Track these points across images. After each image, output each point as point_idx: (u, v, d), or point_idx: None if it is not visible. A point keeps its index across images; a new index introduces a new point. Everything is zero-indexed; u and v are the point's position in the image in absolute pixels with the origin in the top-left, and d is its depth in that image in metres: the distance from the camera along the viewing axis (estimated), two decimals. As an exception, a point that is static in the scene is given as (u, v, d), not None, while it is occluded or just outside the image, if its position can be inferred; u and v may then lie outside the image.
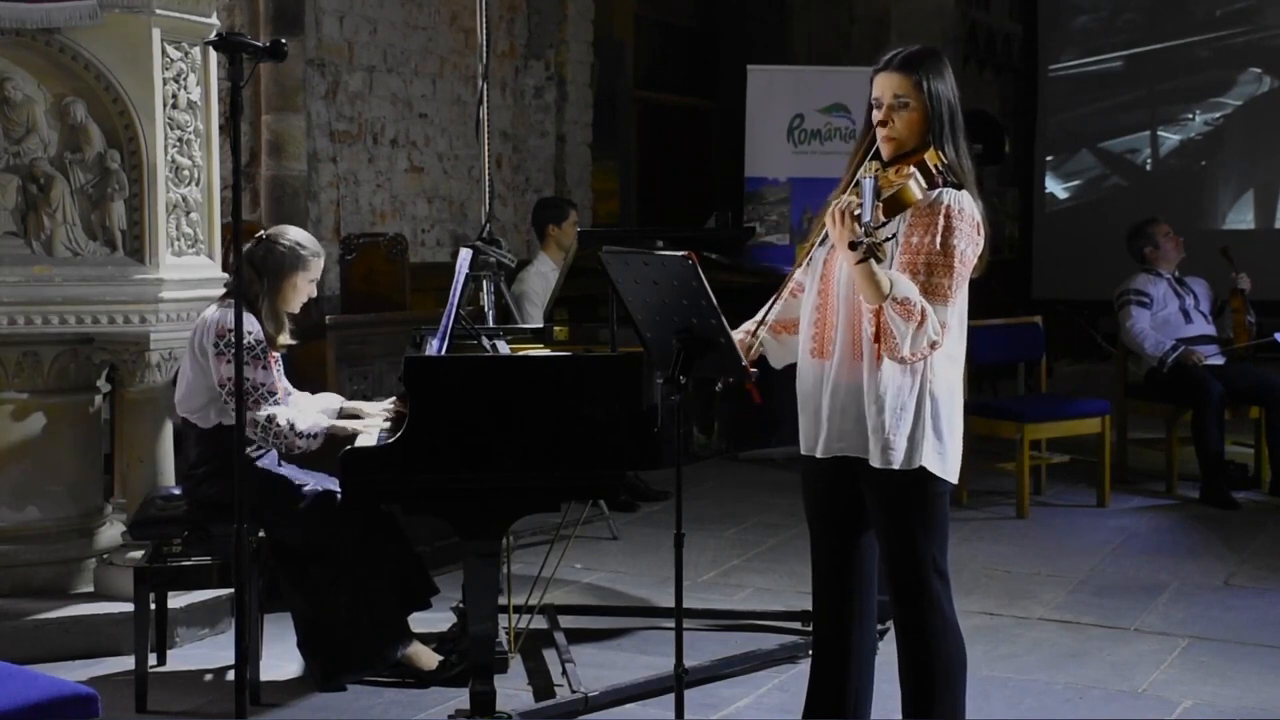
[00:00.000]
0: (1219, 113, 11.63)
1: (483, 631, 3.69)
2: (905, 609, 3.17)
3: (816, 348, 3.18)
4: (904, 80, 3.09)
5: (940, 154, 3.07)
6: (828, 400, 3.14)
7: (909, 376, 3.06)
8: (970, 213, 3.06)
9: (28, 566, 4.71)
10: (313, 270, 4.35)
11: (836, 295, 3.13)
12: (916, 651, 3.16)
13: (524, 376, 3.65)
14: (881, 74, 3.14)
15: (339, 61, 7.64)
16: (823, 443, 3.17)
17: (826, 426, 3.15)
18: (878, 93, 3.14)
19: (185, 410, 4.31)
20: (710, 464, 7.30)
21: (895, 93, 3.09)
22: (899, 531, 3.14)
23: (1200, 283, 7.25)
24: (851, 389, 3.10)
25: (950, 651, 3.16)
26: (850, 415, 3.11)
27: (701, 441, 3.95)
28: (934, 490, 3.11)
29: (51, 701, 2.81)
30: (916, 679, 3.17)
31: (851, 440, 3.12)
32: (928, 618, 3.14)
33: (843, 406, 3.11)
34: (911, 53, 3.14)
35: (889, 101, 3.11)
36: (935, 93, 3.09)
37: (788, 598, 5.18)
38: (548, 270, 6.72)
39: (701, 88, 11.06)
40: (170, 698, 4.17)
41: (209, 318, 4.26)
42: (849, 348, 3.10)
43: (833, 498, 3.24)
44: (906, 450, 3.06)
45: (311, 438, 4.19)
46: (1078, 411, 6.83)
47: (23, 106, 4.54)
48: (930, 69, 3.10)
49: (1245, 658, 4.54)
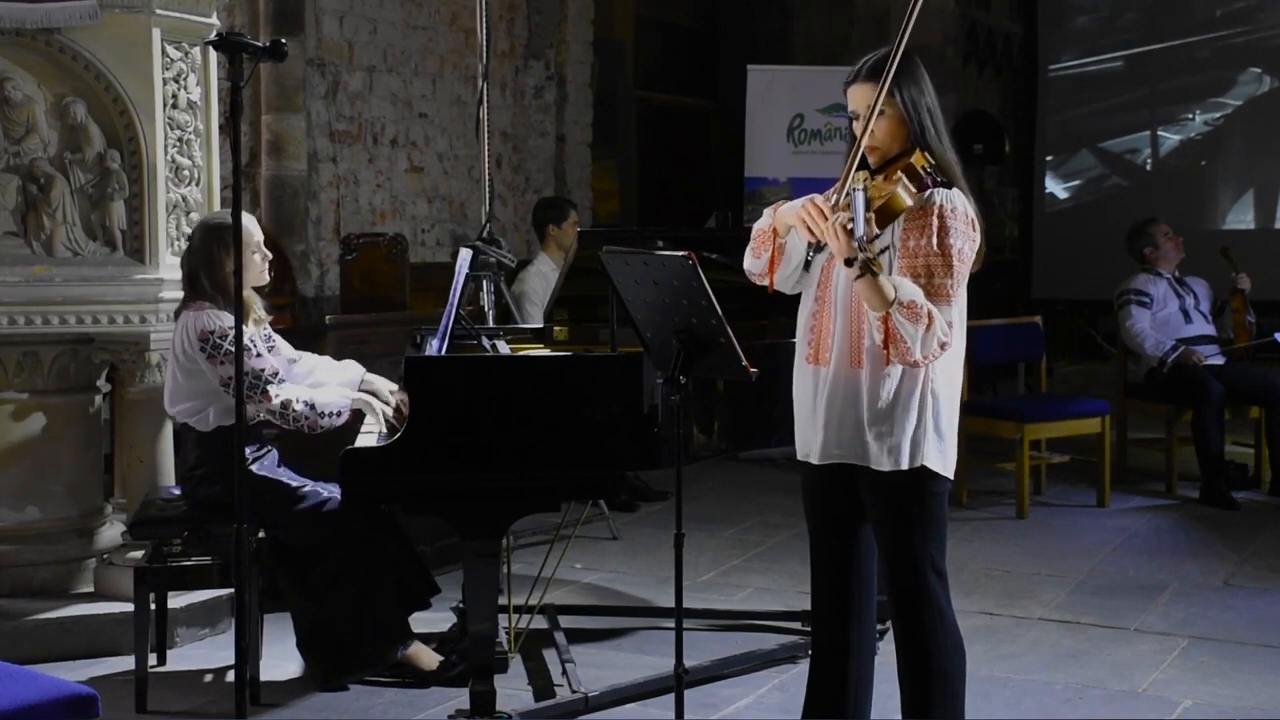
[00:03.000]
0: (1219, 113, 11.63)
1: (483, 631, 3.69)
2: (903, 609, 3.17)
3: (812, 354, 3.16)
4: (873, 89, 3.08)
5: (926, 155, 3.06)
6: (824, 408, 3.13)
7: (910, 379, 3.05)
8: (963, 210, 3.05)
9: (28, 566, 4.71)
10: (249, 239, 4.16)
11: (834, 303, 3.12)
12: (915, 651, 3.16)
13: (524, 376, 3.65)
14: (853, 86, 3.15)
15: (339, 61, 7.65)
16: (819, 449, 3.17)
17: (823, 434, 3.14)
18: (853, 105, 3.15)
19: (178, 414, 4.29)
20: (710, 464, 7.28)
21: (867, 103, 3.08)
22: (898, 531, 3.13)
23: (1200, 283, 7.25)
24: (849, 396, 3.09)
25: (949, 651, 3.16)
26: (848, 422, 3.10)
27: (701, 441, 3.95)
28: (934, 489, 3.11)
29: (51, 701, 2.81)
30: (915, 679, 3.17)
31: (849, 448, 3.11)
32: (926, 617, 3.14)
33: (840, 414, 3.10)
34: (878, 60, 3.12)
35: (863, 113, 3.10)
36: (909, 97, 3.09)
37: (788, 598, 5.18)
38: (548, 270, 6.72)
39: (701, 88, 11.07)
40: (170, 698, 4.17)
41: (186, 325, 4.16)
42: (846, 355, 3.09)
43: (831, 501, 3.23)
44: (910, 451, 3.06)
45: (335, 415, 4.17)
46: (1078, 411, 6.82)
47: (23, 106, 4.54)
48: (900, 73, 3.06)
49: (1245, 658, 4.54)
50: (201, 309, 4.17)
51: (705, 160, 11.09)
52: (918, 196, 3.02)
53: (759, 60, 9.51)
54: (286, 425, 4.17)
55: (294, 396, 4.16)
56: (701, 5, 11.22)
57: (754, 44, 10.92)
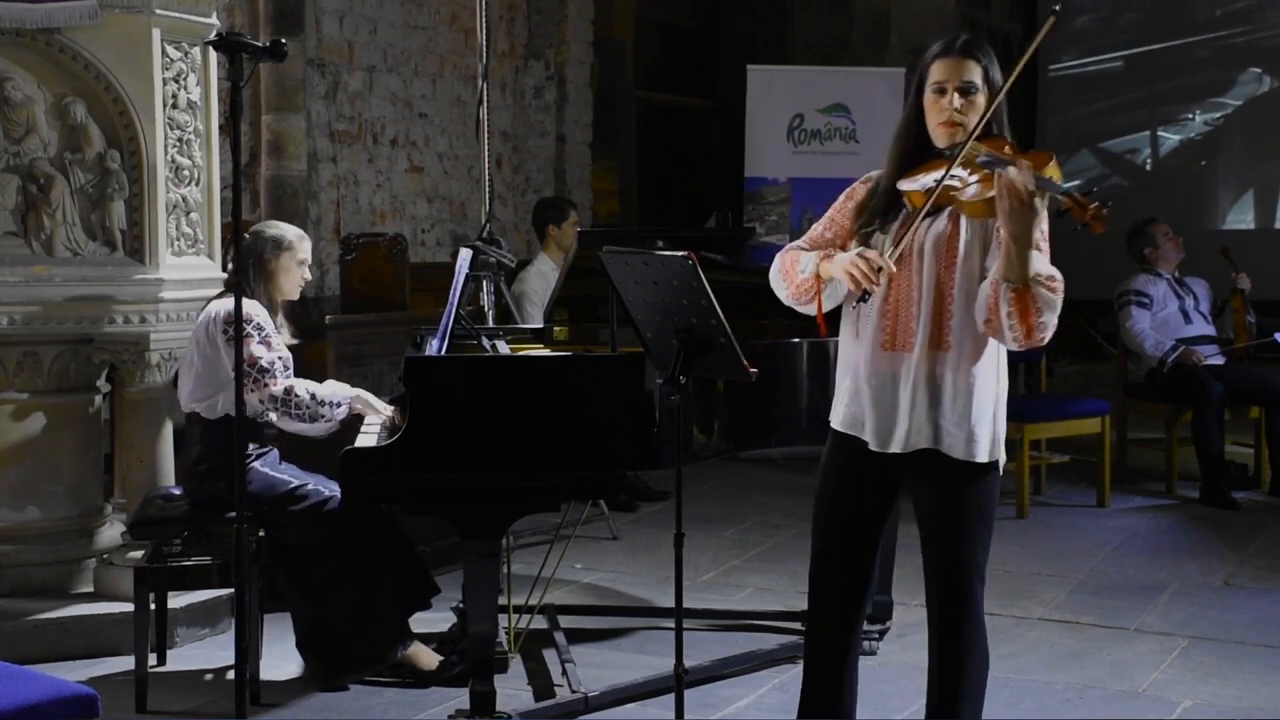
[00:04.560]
0: (1219, 113, 11.62)
1: (483, 631, 3.69)
2: (946, 609, 3.11)
3: (889, 340, 3.08)
4: (975, 66, 3.05)
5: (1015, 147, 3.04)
6: (907, 394, 3.05)
7: (993, 366, 3.05)
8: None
9: (28, 566, 4.71)
10: (299, 251, 4.36)
11: (918, 286, 3.05)
12: (952, 651, 3.10)
13: (524, 376, 3.65)
14: (946, 58, 3.07)
15: (339, 61, 7.64)
16: (901, 437, 3.07)
17: (907, 420, 3.06)
18: (942, 77, 3.06)
19: (188, 401, 4.31)
20: (710, 464, 7.29)
21: (965, 77, 3.04)
22: (959, 527, 3.07)
23: (1200, 283, 7.25)
24: (933, 380, 3.03)
25: (982, 653, 3.13)
26: (930, 406, 3.04)
27: (701, 441, 3.95)
28: (995, 485, 3.12)
29: (51, 701, 2.81)
30: (949, 679, 3.11)
31: (926, 432, 3.05)
32: (966, 619, 3.09)
33: (925, 399, 3.04)
34: (973, 39, 3.10)
35: (957, 85, 3.04)
36: (996, 82, 3.07)
37: (788, 598, 5.18)
38: (548, 270, 6.72)
39: (701, 88, 11.07)
40: (170, 698, 4.17)
41: (215, 309, 4.27)
42: (931, 340, 3.03)
43: (867, 502, 3.16)
44: (990, 441, 3.06)
45: (335, 406, 4.19)
46: (1078, 411, 6.83)
47: (23, 106, 4.54)
48: (991, 58, 3.07)
49: (1245, 658, 4.54)
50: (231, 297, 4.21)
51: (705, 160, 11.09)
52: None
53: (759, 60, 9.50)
54: (288, 414, 4.17)
55: (297, 385, 4.20)
56: (701, 5, 11.22)
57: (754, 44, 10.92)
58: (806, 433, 4.13)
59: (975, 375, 3.04)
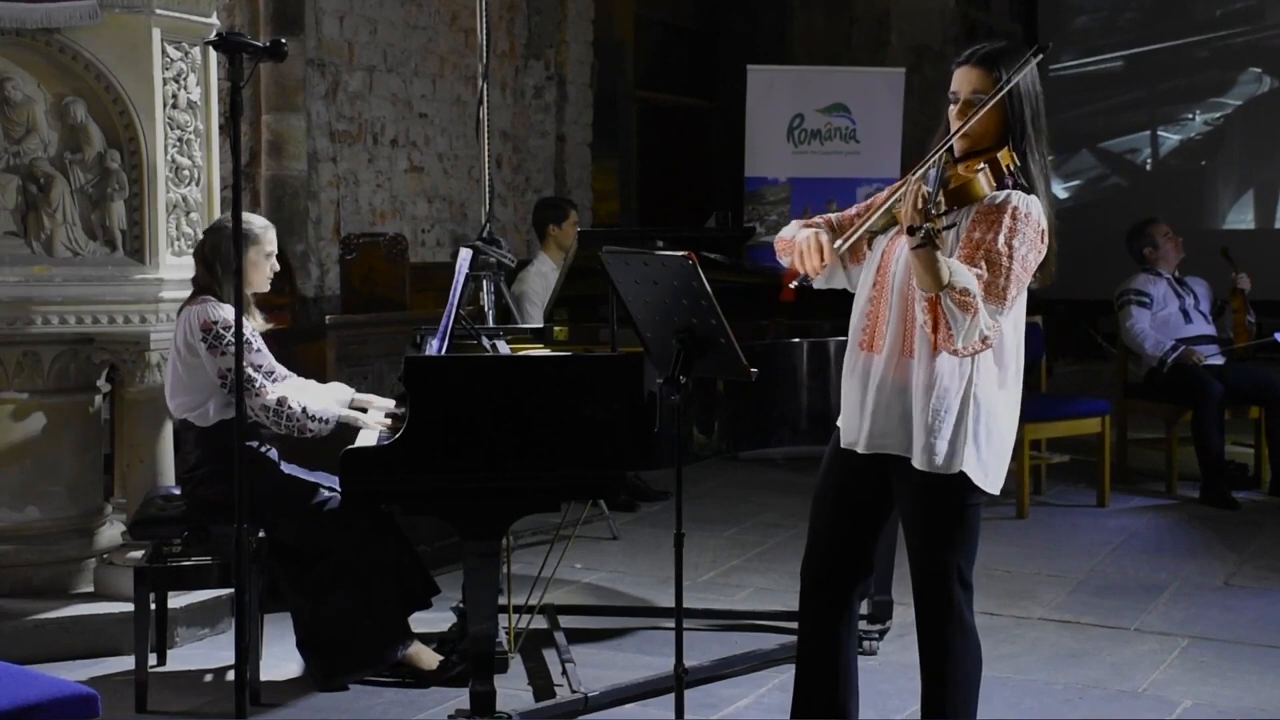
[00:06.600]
0: (1219, 113, 11.62)
1: (483, 631, 3.69)
2: (927, 617, 3.12)
3: (866, 340, 3.11)
4: (984, 77, 3.01)
5: (1014, 155, 2.99)
6: (873, 395, 3.07)
7: (956, 378, 2.99)
8: (1037, 219, 2.97)
9: (28, 566, 4.71)
10: (264, 244, 4.35)
11: (890, 288, 3.06)
12: (934, 657, 3.11)
13: (524, 376, 3.65)
14: (962, 68, 3.06)
15: (339, 61, 7.65)
16: (865, 438, 3.09)
17: (870, 422, 3.08)
18: (955, 87, 3.06)
19: (178, 409, 4.30)
20: (710, 464, 7.28)
21: (974, 89, 3.02)
22: (928, 536, 3.08)
23: (1200, 283, 7.25)
24: (898, 385, 3.03)
25: (969, 660, 3.12)
26: (895, 412, 3.04)
27: (701, 441, 3.94)
28: (969, 500, 3.05)
29: (51, 701, 2.81)
30: (934, 683, 3.12)
31: (894, 438, 3.05)
32: (947, 626, 3.09)
33: (888, 403, 3.05)
34: (996, 49, 3.06)
35: (966, 97, 3.03)
36: (1015, 92, 3.01)
37: (788, 598, 5.17)
38: (548, 270, 6.72)
39: (701, 88, 11.06)
40: (170, 698, 4.17)
41: (190, 316, 4.24)
42: (899, 343, 3.04)
43: (858, 493, 3.18)
44: (947, 453, 2.99)
45: (324, 422, 4.20)
46: (1078, 411, 6.82)
47: (23, 106, 4.54)
48: (1008, 66, 3.00)
49: (1245, 658, 4.54)
50: (205, 302, 4.21)
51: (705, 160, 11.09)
52: (995, 191, 2.95)
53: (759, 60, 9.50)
54: (277, 426, 4.19)
55: (289, 395, 4.19)
56: (701, 5, 11.22)
57: (754, 44, 10.92)
58: (806, 433, 4.13)
59: (941, 386, 2.99)
